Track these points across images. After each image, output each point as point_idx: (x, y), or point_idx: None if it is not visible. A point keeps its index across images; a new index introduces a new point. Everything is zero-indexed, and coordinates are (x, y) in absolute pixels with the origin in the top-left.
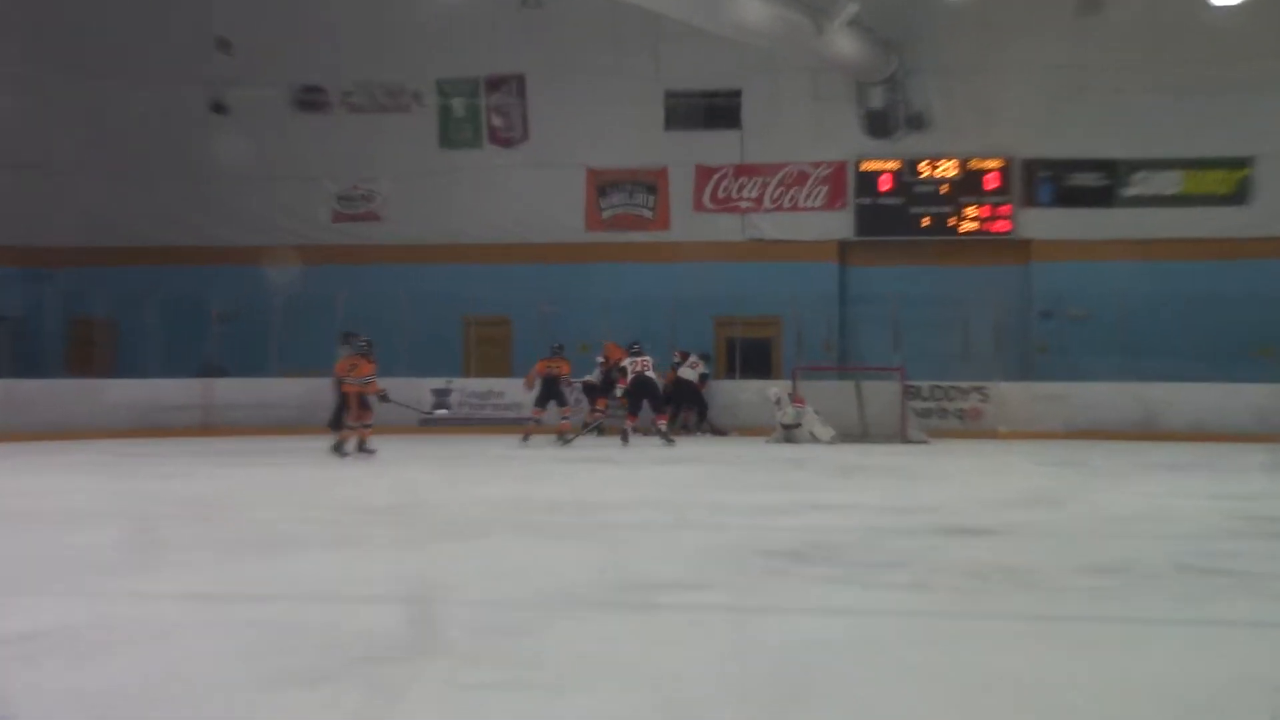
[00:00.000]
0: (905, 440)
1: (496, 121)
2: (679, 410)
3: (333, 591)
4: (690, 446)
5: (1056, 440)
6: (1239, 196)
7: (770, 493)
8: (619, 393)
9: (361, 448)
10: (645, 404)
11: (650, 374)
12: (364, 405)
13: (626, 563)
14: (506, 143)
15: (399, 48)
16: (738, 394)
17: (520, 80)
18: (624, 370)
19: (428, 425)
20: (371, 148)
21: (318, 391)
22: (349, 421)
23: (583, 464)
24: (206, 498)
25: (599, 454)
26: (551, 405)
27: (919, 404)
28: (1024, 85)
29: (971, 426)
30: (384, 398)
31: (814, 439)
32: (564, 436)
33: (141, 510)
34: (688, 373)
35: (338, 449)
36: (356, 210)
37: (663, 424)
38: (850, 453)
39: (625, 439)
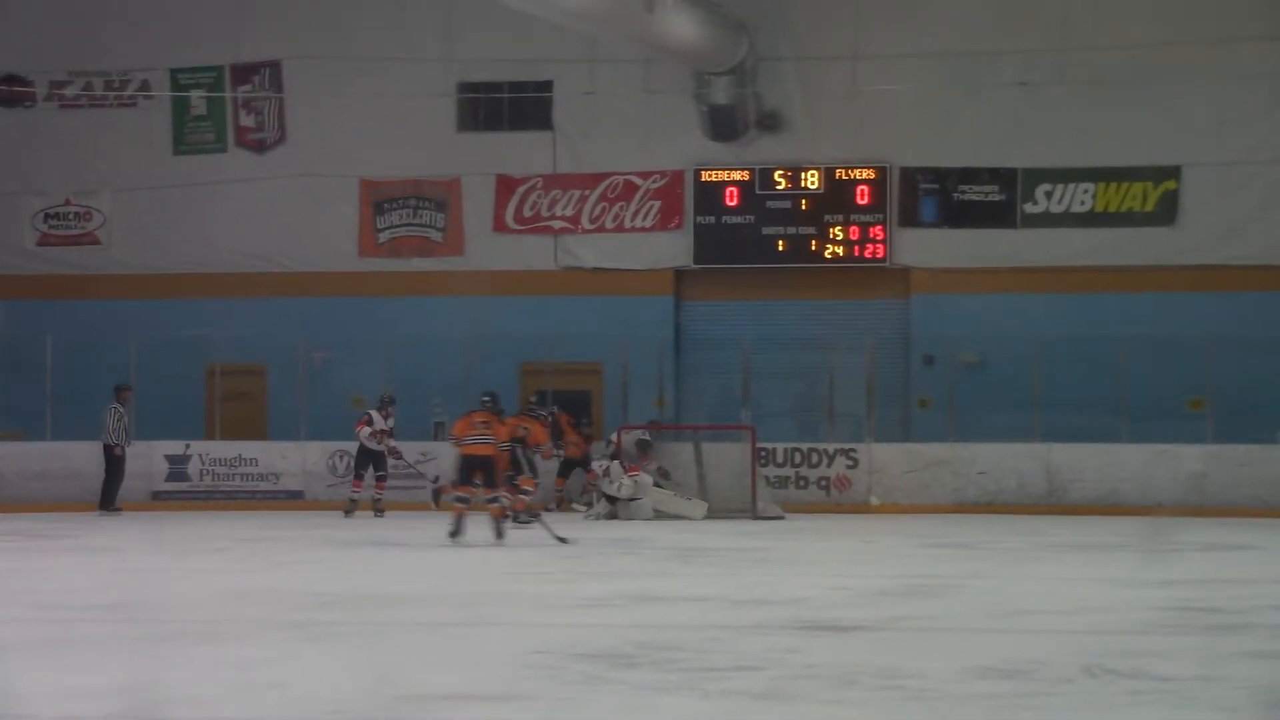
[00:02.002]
0: (756, 516)
1: (246, 120)
2: None
3: (34, 713)
4: (485, 525)
5: (943, 515)
6: (1164, 215)
7: (590, 582)
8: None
9: (518, 518)
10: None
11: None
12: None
13: (410, 670)
14: (258, 146)
15: (122, 27)
16: (546, 460)
17: (275, 68)
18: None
19: (160, 499)
20: (89, 153)
21: (13, 459)
22: (500, 493)
23: (358, 548)
24: None
25: (377, 535)
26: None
27: (773, 471)
28: (904, 77)
29: (838, 499)
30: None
31: (659, 515)
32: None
33: None
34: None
35: (457, 531)
36: (70, 231)
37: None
38: (689, 532)
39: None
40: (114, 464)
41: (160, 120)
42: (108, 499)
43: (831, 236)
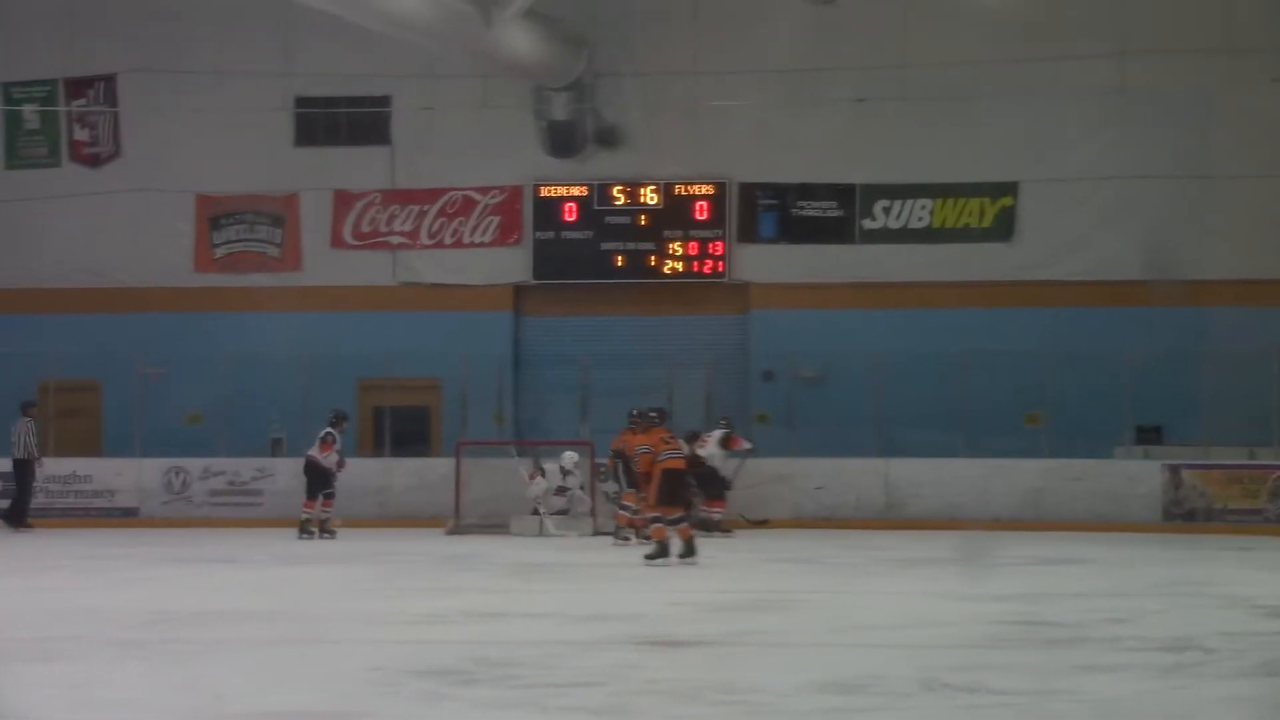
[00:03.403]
0: (596, 531)
1: (80, 134)
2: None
3: None
4: (330, 543)
5: (783, 530)
6: (1001, 231)
7: (429, 598)
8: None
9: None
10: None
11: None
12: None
13: (248, 688)
14: (93, 161)
15: None
16: (388, 476)
17: (110, 82)
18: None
19: None
20: None
21: None
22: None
23: (195, 565)
24: None
25: (214, 553)
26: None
27: (613, 487)
28: (743, 93)
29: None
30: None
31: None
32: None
33: None
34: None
35: (684, 551)
36: None
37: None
38: (530, 548)
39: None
40: (29, 479)
41: None
42: (21, 516)
43: (670, 252)
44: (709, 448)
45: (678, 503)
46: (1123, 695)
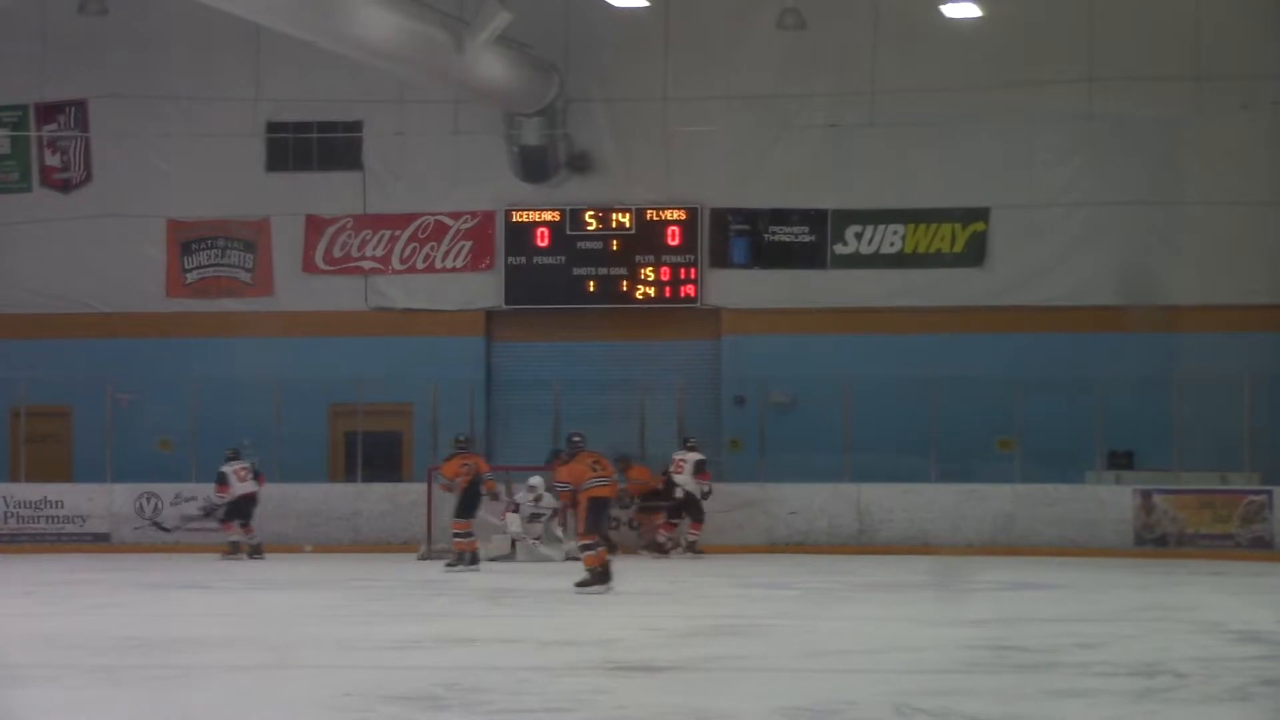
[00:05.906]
0: (566, 557)
1: (51, 159)
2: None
3: None
4: (295, 567)
5: (754, 555)
6: (973, 256)
7: (400, 624)
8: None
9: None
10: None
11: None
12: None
13: (219, 713)
14: (63, 186)
15: None
16: (360, 501)
17: (81, 107)
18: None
19: None
20: None
21: None
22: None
23: (167, 591)
24: None
25: (187, 579)
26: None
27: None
28: (714, 119)
29: (646, 539)
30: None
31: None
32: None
33: None
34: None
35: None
36: None
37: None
38: (500, 573)
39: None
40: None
41: None
42: None
43: (642, 277)
44: (684, 474)
45: (599, 530)
46: None
